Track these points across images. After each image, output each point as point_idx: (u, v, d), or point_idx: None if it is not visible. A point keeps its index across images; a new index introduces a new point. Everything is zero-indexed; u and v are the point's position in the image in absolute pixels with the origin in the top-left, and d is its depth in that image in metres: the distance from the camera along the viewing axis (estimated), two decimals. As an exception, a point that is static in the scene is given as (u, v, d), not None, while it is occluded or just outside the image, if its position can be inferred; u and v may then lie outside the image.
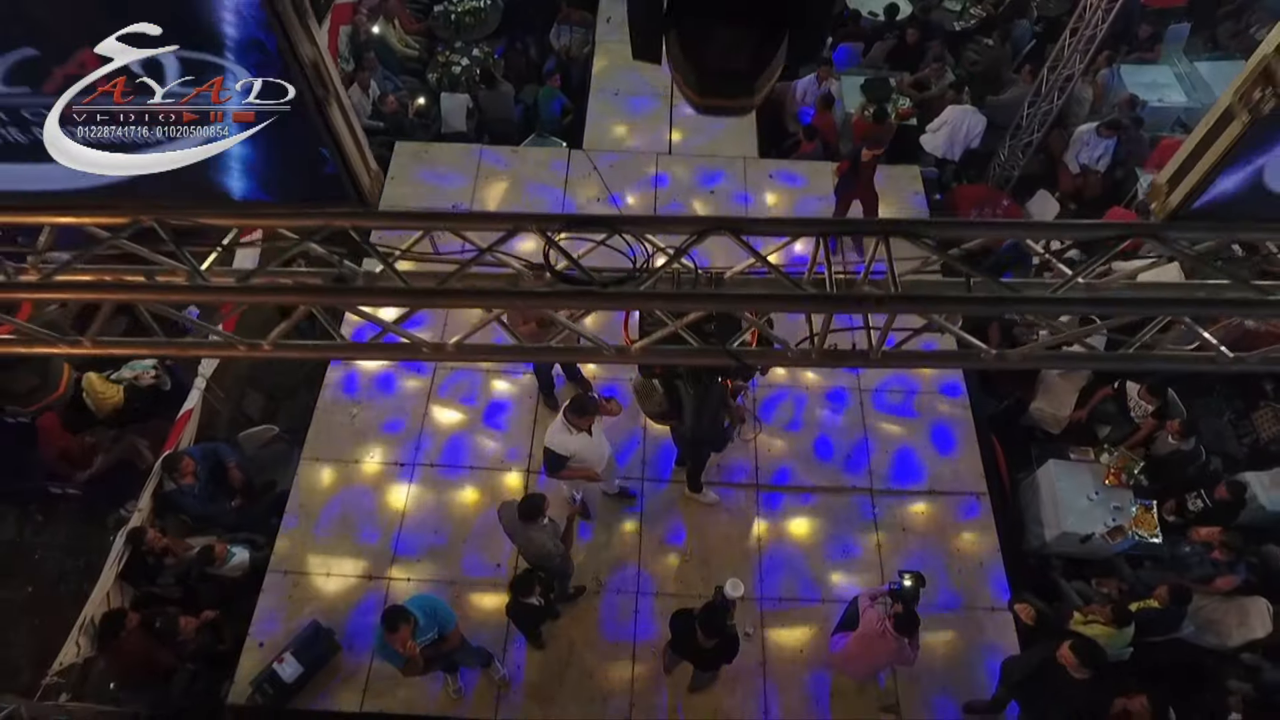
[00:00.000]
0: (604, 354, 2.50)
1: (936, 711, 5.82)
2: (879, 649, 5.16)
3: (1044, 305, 2.47)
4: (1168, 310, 2.53)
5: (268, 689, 5.71)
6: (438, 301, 2.43)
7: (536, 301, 2.31)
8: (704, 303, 2.27)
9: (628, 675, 5.91)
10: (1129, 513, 6.84)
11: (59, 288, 2.21)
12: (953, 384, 7.35)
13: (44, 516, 7.54)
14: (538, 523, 5.17)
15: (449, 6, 10.26)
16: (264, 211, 2.01)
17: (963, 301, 2.38)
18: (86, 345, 2.40)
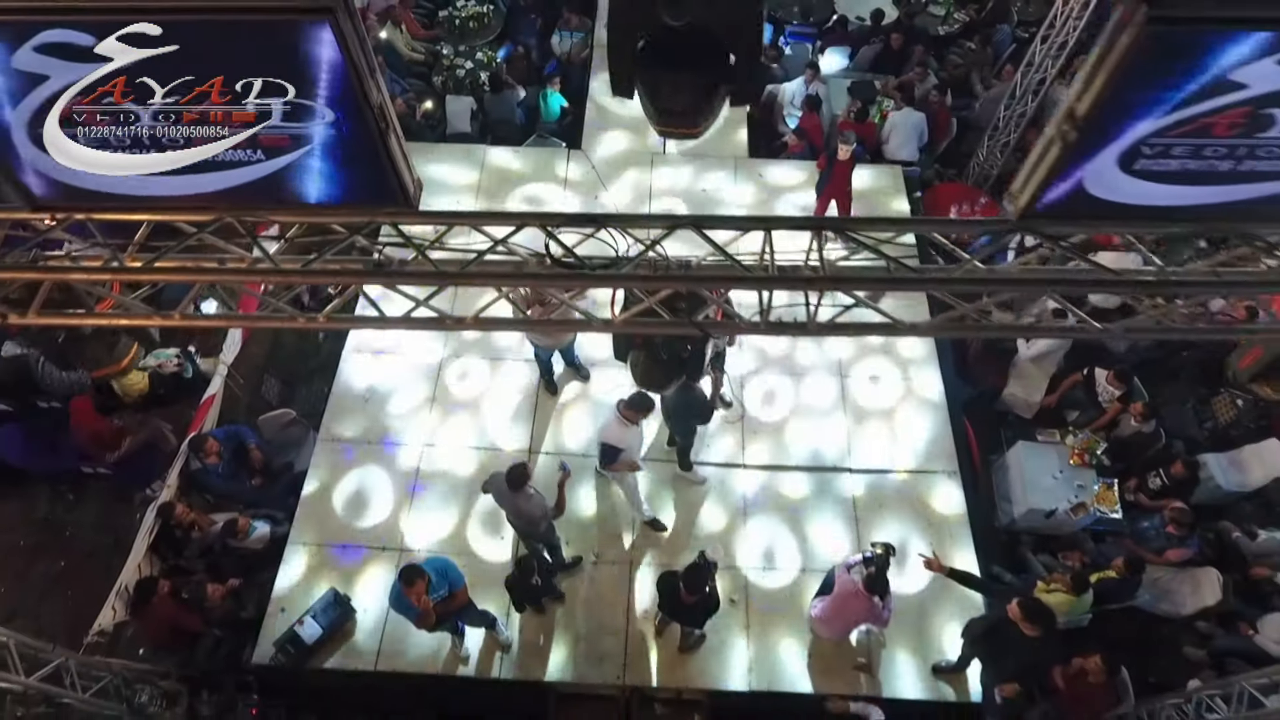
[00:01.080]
0: (593, 325, 2.98)
1: (907, 671, 6.29)
2: (853, 607, 5.63)
3: (940, 284, 2.95)
4: (1034, 288, 2.98)
5: (290, 649, 6.19)
6: (460, 281, 2.91)
7: (539, 282, 2.78)
8: (671, 282, 2.76)
9: (621, 638, 6.38)
10: (1091, 490, 7.30)
11: (160, 271, 2.68)
12: (929, 371, 7.81)
13: (75, 496, 8.01)
14: (524, 491, 5.64)
15: (453, 12, 10.72)
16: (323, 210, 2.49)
17: (879, 281, 2.87)
18: (176, 318, 2.88)
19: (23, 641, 4.94)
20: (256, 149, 2.21)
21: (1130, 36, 1.85)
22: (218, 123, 2.14)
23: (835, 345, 7.87)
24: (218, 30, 2.04)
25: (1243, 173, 2.23)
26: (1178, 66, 1.93)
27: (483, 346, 7.82)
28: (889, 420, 7.51)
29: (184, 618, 6.46)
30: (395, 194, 2.42)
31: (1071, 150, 2.18)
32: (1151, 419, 7.47)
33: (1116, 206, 2.34)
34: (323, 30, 2.00)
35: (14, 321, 2.83)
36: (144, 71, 2.13)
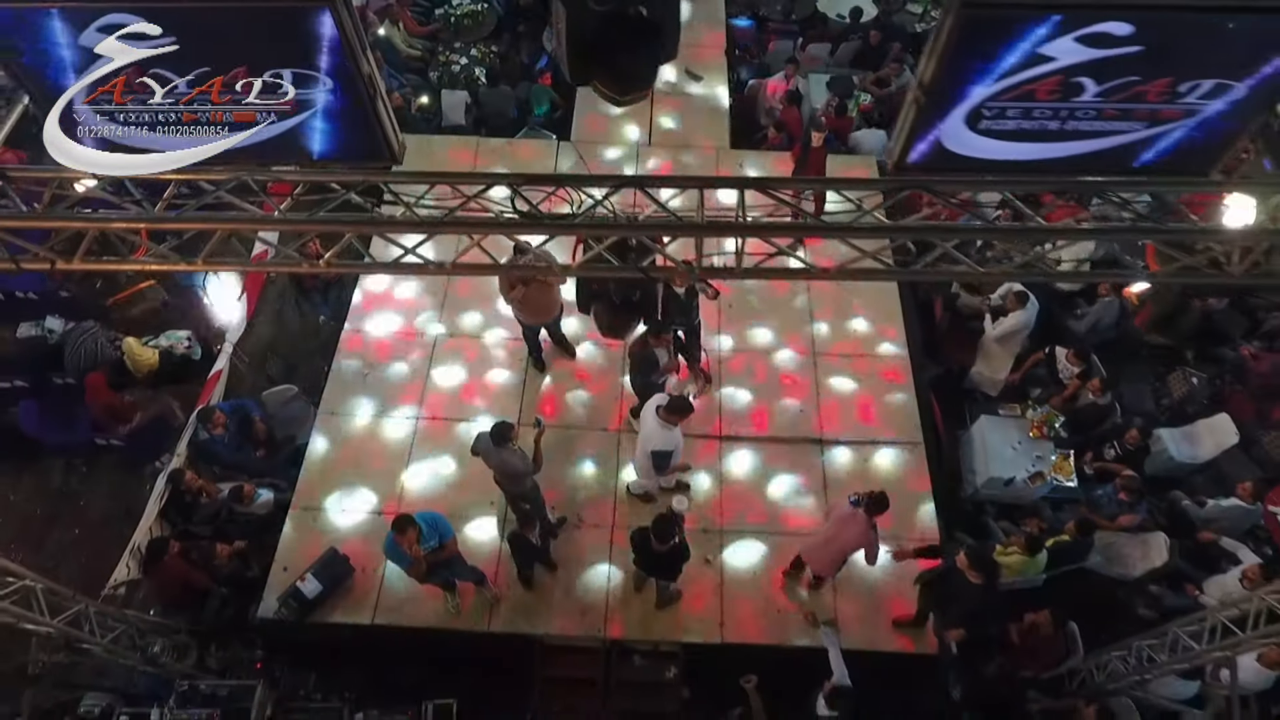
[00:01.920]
0: (553, 269, 3.41)
1: (870, 625, 6.72)
2: (849, 532, 6.01)
3: (845, 232, 3.36)
4: (927, 234, 3.39)
5: (292, 603, 6.62)
6: (441, 229, 3.31)
7: (507, 229, 3.21)
8: (614, 229, 3.18)
9: (602, 595, 6.81)
10: (1049, 461, 7.73)
11: (186, 219, 3.10)
12: (897, 350, 8.24)
13: (88, 468, 8.45)
14: (508, 446, 6.08)
15: (449, 10, 11.14)
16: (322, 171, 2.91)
17: (789, 228, 3.29)
18: (198, 263, 3.30)
19: (49, 588, 5.36)
20: (272, 112, 2.65)
21: (952, 19, 2.30)
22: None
23: (810, 325, 8.30)
24: (245, 16, 2.49)
25: (1069, 131, 2.67)
26: (995, 43, 2.37)
27: (475, 326, 8.26)
28: (858, 395, 7.94)
29: (193, 576, 6.89)
30: (383, 151, 2.87)
31: (924, 112, 2.61)
32: (1108, 393, 7.89)
33: (970, 160, 2.79)
34: (324, 15, 2.49)
35: (60, 267, 3.25)
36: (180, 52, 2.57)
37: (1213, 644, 5.58)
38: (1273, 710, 6.68)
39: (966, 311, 8.84)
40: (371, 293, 8.54)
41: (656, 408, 6.15)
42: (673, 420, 6.11)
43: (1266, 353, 8.60)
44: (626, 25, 2.38)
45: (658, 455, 6.22)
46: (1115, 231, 3.27)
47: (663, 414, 6.09)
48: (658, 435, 6.16)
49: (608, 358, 7.94)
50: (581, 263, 3.38)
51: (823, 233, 3.32)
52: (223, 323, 8.52)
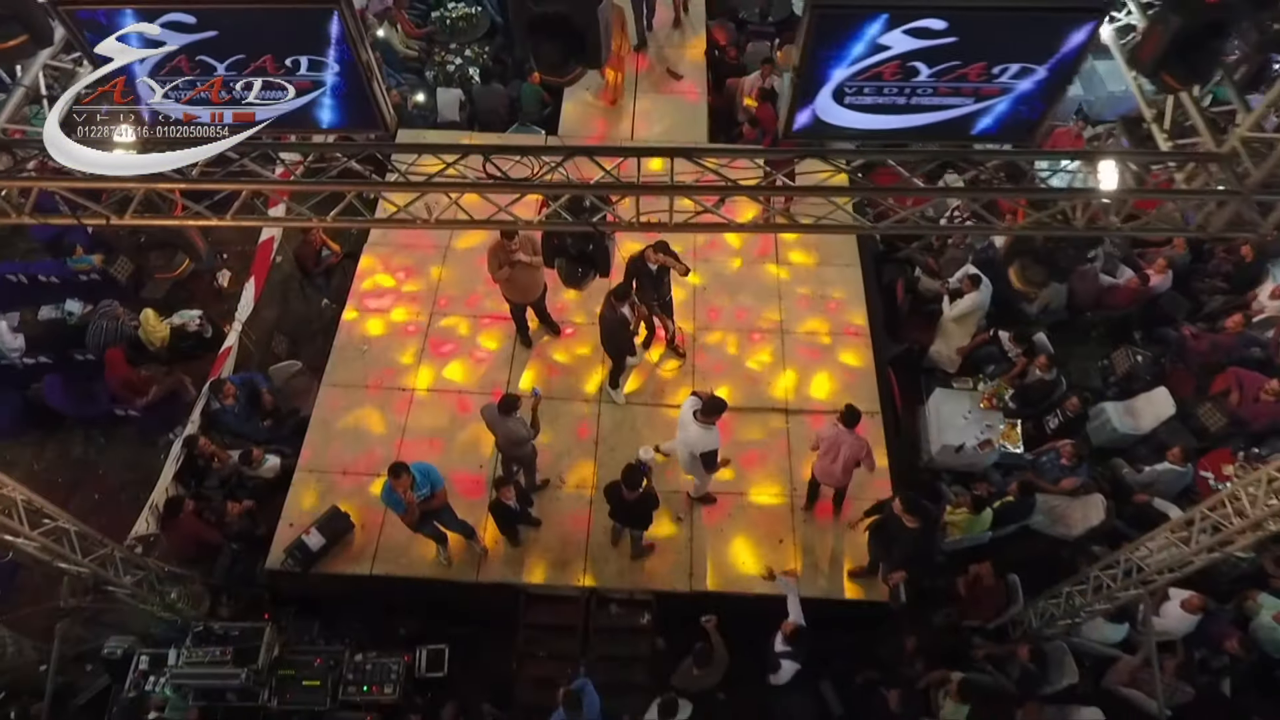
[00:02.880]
0: (519, 223, 4.04)
1: (827, 576, 7.32)
2: (841, 447, 6.73)
3: (756, 191, 3.98)
4: (822, 194, 4.01)
5: (297, 554, 7.23)
6: (427, 189, 3.94)
7: (479, 189, 3.85)
8: (566, 189, 3.81)
9: (582, 549, 7.42)
10: (998, 430, 8.35)
11: (212, 179, 3.73)
12: (860, 325, 8.85)
13: (106, 439, 9.08)
14: (514, 416, 6.70)
15: (444, 13, 11.76)
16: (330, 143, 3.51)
17: (710, 189, 3.90)
18: (227, 219, 3.90)
19: (81, 530, 5.97)
20: (291, 89, 3.28)
21: (808, 17, 2.92)
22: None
23: (779, 304, 8.92)
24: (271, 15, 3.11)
25: (914, 105, 3.29)
26: (843, 35, 3.00)
27: (466, 309, 8.88)
28: (822, 370, 8.54)
29: (206, 532, 7.51)
30: (378, 124, 3.52)
31: (799, 91, 3.24)
32: (1054, 369, 8.50)
33: (841, 129, 3.43)
34: (333, 14, 3.13)
35: (114, 222, 3.86)
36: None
37: (1129, 580, 6.19)
38: (1195, 654, 7.28)
39: (926, 294, 9.46)
40: (370, 278, 9.16)
41: (694, 411, 6.51)
42: (711, 420, 6.49)
43: (1205, 333, 9.19)
44: (551, 25, 3.03)
45: (706, 457, 6.59)
46: (980, 191, 3.88)
47: (700, 416, 6.46)
48: (701, 437, 6.51)
49: (588, 335, 8.54)
50: (543, 216, 4.01)
51: (734, 193, 3.92)
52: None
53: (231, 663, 6.62)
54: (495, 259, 7.26)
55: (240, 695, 6.78)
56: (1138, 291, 9.27)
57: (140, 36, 3.11)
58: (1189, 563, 5.65)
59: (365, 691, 6.89)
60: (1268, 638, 7.35)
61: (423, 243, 9.36)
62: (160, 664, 6.86)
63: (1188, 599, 7.15)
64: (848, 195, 4.38)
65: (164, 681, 6.77)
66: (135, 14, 3.05)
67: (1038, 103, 3.27)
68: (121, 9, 3.04)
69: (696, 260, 9.10)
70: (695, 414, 6.53)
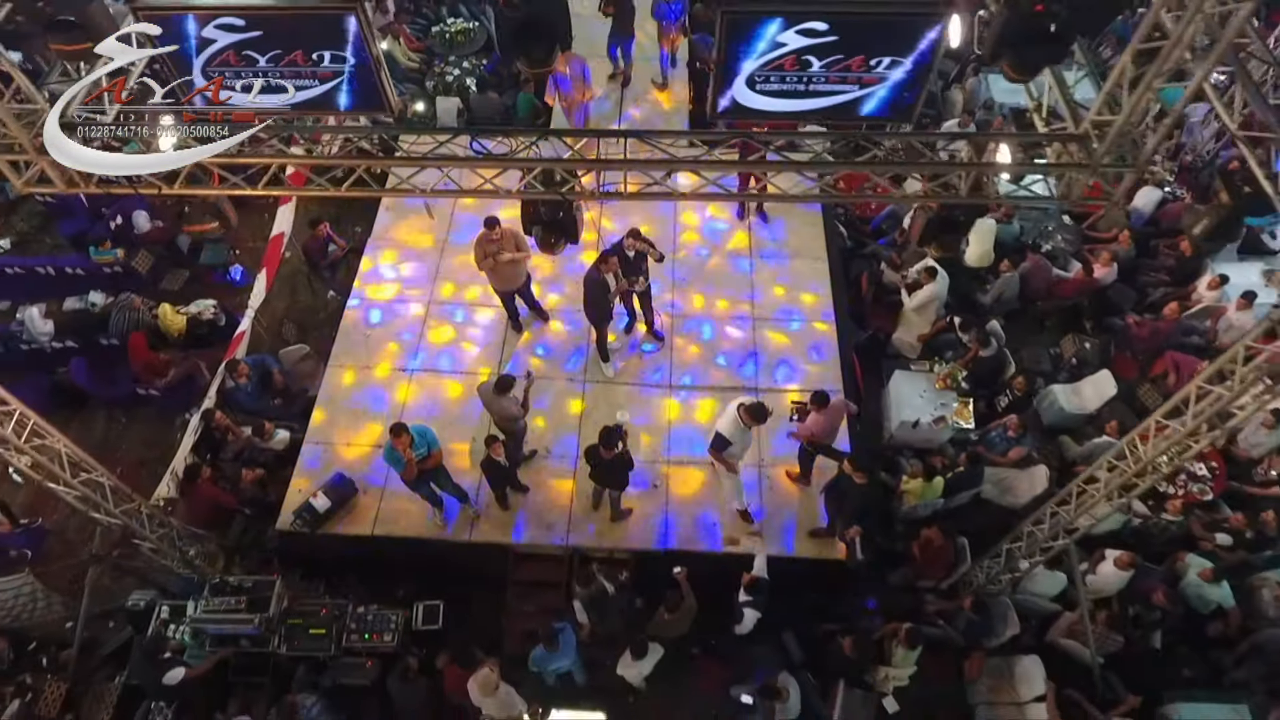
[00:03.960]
0: (500, 192, 4.76)
1: (790, 535, 7.98)
2: (822, 420, 7.47)
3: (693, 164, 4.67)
4: (742, 169, 4.72)
5: (305, 515, 7.89)
6: (423, 164, 4.67)
7: (468, 164, 4.58)
8: (536, 163, 4.53)
9: (566, 512, 8.10)
10: (951, 407, 9.06)
11: (247, 154, 4.46)
12: (827, 313, 9.56)
13: (127, 418, 9.77)
14: (508, 394, 7.40)
15: (444, 27, 12.56)
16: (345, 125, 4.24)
17: (659, 164, 4.61)
18: (259, 189, 4.63)
19: (114, 485, 6.64)
20: (317, 77, 4.02)
21: (720, 20, 3.66)
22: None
23: (751, 292, 9.64)
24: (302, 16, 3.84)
25: (813, 91, 4.01)
26: (748, 34, 3.73)
27: (461, 297, 9.60)
28: (790, 353, 9.25)
29: (221, 496, 8.18)
30: (386, 107, 4.26)
31: (719, 79, 3.97)
32: (992, 342, 9.19)
33: (757, 110, 4.15)
34: (351, 16, 3.80)
35: (165, 192, 4.58)
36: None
37: (1055, 530, 6.86)
38: (1130, 609, 7.93)
39: (890, 286, 10.18)
40: (373, 271, 9.89)
41: (739, 405, 7.13)
42: (746, 420, 7.07)
43: (1148, 321, 9.90)
44: (529, 24, 3.77)
45: (718, 436, 7.22)
46: (883, 164, 4.63)
47: (741, 411, 7.06)
48: (729, 425, 7.13)
49: (575, 322, 9.25)
50: (521, 185, 4.74)
51: (676, 166, 4.63)
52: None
53: (245, 610, 7.27)
54: (481, 250, 8.02)
55: (253, 642, 7.43)
56: (1084, 283, 10.00)
57: (198, 35, 3.84)
58: (1101, 507, 6.30)
59: (366, 639, 7.52)
60: (1195, 594, 8.01)
61: (422, 241, 10.10)
62: (180, 614, 7.51)
63: (1119, 556, 7.83)
64: (769, 169, 5.08)
65: (184, 629, 7.41)
66: (195, 18, 3.80)
67: (913, 89, 4.01)
68: (185, 14, 3.78)
69: (676, 253, 9.85)
70: (740, 408, 7.15)
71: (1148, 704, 7.49)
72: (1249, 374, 4.76)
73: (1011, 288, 10.01)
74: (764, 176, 6.37)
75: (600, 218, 9.71)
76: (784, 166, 4.78)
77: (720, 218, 10.41)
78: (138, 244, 10.32)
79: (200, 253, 10.73)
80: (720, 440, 7.30)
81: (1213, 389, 4.99)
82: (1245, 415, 4.97)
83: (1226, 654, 7.97)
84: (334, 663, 7.50)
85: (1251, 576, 8.22)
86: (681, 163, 4.52)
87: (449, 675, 7.19)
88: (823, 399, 7.46)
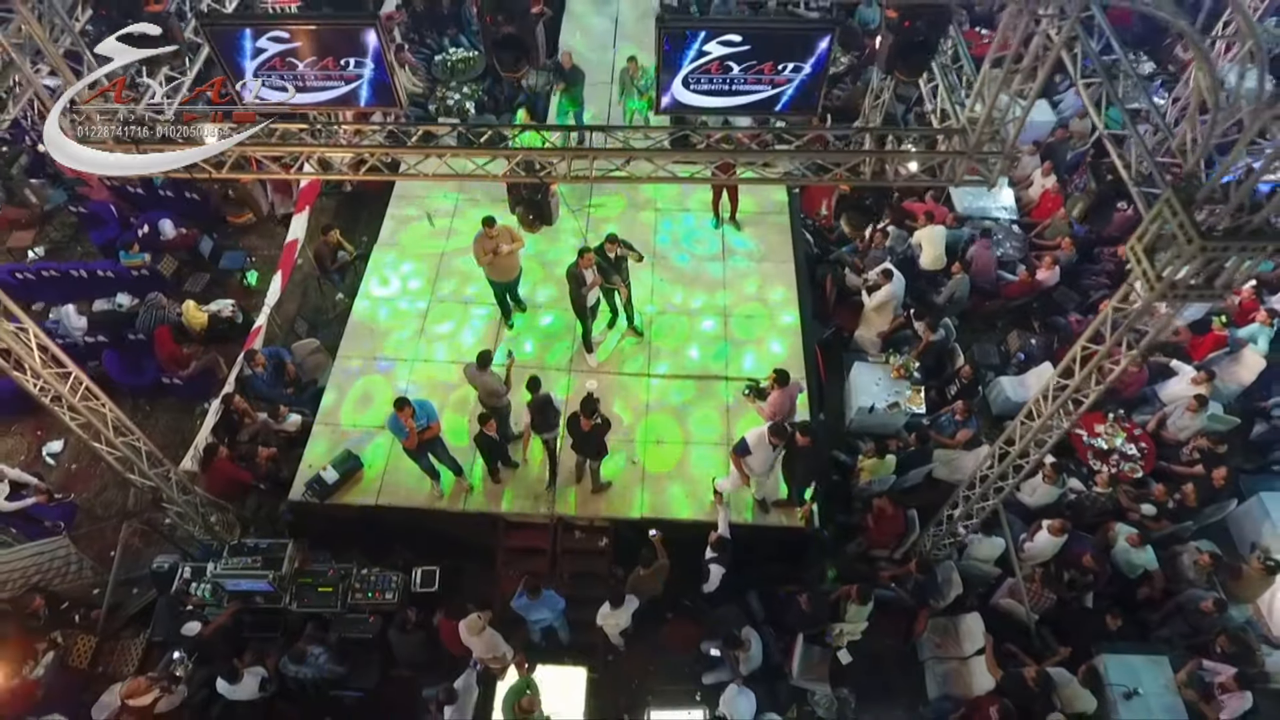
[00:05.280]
0: (489, 174, 5.69)
1: (754, 508, 8.79)
2: (779, 401, 8.28)
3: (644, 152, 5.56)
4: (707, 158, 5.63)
5: (315, 487, 8.71)
6: (429, 149, 5.61)
7: (466, 151, 5.50)
8: (515, 153, 5.45)
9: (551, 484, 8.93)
10: (905, 395, 9.92)
11: (285, 145, 5.40)
12: (791, 311, 10.46)
13: (151, 407, 10.62)
14: (488, 370, 8.27)
15: (446, 56, 13.66)
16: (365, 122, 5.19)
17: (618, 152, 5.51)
18: (293, 174, 5.54)
19: (150, 450, 7.48)
20: (343, 79, 4.97)
21: (658, 32, 4.60)
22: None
23: (723, 291, 10.56)
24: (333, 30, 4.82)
25: (737, 90, 4.94)
26: (682, 45, 4.67)
27: (458, 296, 10.51)
28: (758, 346, 10.14)
29: (238, 472, 9.01)
30: (397, 103, 5.20)
31: (660, 81, 4.92)
32: (936, 329, 10.08)
33: (694, 106, 5.09)
34: (370, 29, 4.75)
35: (213, 176, 5.48)
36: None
37: (985, 492, 7.68)
38: (1065, 574, 8.70)
39: (852, 288, 11.10)
40: (378, 273, 10.82)
41: (770, 425, 7.75)
42: (774, 441, 7.68)
43: (1089, 320, 10.77)
44: (508, 40, 4.73)
45: (742, 441, 7.84)
46: (797, 151, 5.59)
47: (769, 432, 7.68)
48: (755, 436, 7.76)
49: (562, 318, 10.15)
50: (507, 169, 5.67)
51: (635, 153, 5.55)
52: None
53: (260, 568, 8.06)
54: (480, 246, 8.95)
55: (266, 599, 8.22)
56: (1028, 284, 10.92)
57: (253, 46, 4.79)
58: (1020, 467, 7.15)
59: (369, 597, 8.32)
60: (1124, 560, 8.80)
61: (423, 247, 11.06)
62: (200, 574, 8.30)
63: (1051, 524, 8.63)
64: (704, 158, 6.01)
65: (205, 586, 8.20)
66: (252, 32, 4.75)
67: (815, 89, 4.96)
68: (244, 29, 4.73)
69: (656, 256, 10.79)
70: (770, 427, 7.78)
71: (1078, 656, 8.24)
72: (1121, 335, 5.65)
73: (963, 288, 10.92)
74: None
75: (586, 228, 10.68)
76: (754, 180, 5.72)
77: (697, 226, 11.37)
78: (163, 250, 11.27)
79: (220, 257, 11.68)
80: (742, 445, 7.97)
81: (1092, 347, 5.86)
82: (1119, 370, 5.81)
83: (1153, 614, 8.74)
84: (339, 619, 8.28)
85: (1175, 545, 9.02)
86: (638, 152, 5.45)
87: (444, 628, 7.96)
88: (785, 378, 8.31)
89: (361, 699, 8.21)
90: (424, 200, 11.51)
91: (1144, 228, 5.12)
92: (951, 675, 8.39)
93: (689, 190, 11.60)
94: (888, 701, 8.51)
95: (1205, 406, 9.50)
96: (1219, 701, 7.85)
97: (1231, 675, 7.84)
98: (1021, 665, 8.04)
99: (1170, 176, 5.02)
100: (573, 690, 8.04)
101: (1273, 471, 9.95)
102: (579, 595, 8.40)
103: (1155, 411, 9.99)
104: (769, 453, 7.95)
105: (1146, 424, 9.91)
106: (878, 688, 8.53)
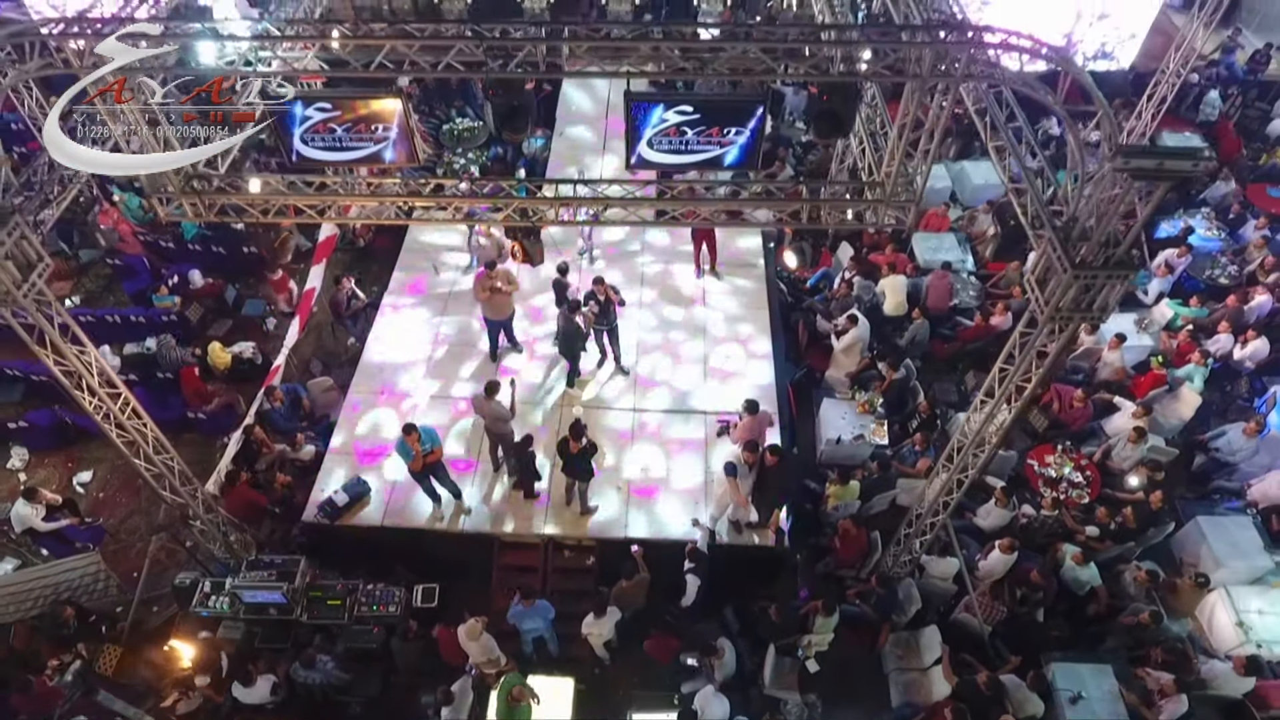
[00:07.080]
0: (490, 221, 6.71)
1: (729, 529, 9.56)
2: (753, 426, 9.17)
3: (625, 201, 6.62)
4: (678, 205, 6.65)
5: (327, 509, 9.52)
6: (443, 199, 6.67)
7: (474, 200, 6.54)
8: (521, 201, 6.47)
9: (543, 507, 9.72)
10: (869, 428, 10.79)
11: (319, 194, 6.43)
12: (766, 352, 11.42)
13: (174, 441, 11.40)
14: (494, 399, 9.18)
15: (452, 125, 14.98)
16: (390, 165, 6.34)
17: (597, 201, 6.53)
18: (326, 216, 6.50)
19: (182, 469, 8.32)
20: (372, 141, 6.02)
21: (625, 101, 5.67)
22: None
23: (704, 334, 11.54)
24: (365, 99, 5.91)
25: (690, 150, 5.97)
26: (644, 113, 5.73)
27: (461, 339, 11.50)
28: (735, 383, 11.05)
29: (257, 497, 9.82)
30: (418, 160, 6.24)
31: (629, 142, 5.98)
32: (898, 368, 11.00)
33: (657, 163, 6.14)
34: (396, 100, 5.82)
35: (262, 220, 6.49)
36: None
37: (934, 504, 8.48)
38: (1018, 590, 9.42)
39: (822, 333, 12.08)
40: (388, 319, 11.83)
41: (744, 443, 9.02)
42: (747, 459, 8.82)
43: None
44: (509, 108, 5.82)
45: (728, 464, 8.87)
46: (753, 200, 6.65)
47: (743, 450, 8.88)
48: (736, 460, 8.90)
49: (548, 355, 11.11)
50: (505, 215, 6.70)
51: (610, 203, 6.57)
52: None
53: (275, 580, 8.80)
54: (480, 285, 10.00)
55: (279, 610, 8.93)
56: (982, 329, 11.90)
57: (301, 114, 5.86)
58: (962, 482, 7.98)
59: (374, 610, 9.03)
60: (1071, 577, 9.52)
61: (429, 299, 12.11)
62: (220, 589, 9.03)
63: (1002, 543, 9.39)
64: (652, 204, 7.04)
65: (223, 599, 8.92)
66: (302, 102, 5.83)
67: (754, 147, 6.03)
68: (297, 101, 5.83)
69: (642, 306, 11.81)
70: (743, 445, 8.99)
71: (1029, 665, 8.90)
72: (1028, 354, 6.59)
73: (923, 332, 11.90)
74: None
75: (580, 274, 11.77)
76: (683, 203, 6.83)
77: (680, 275, 12.44)
78: (191, 297, 12.31)
79: (243, 305, 12.71)
80: (730, 467, 8.92)
81: (1006, 369, 6.79)
82: (1033, 385, 6.72)
83: (1100, 628, 9.42)
84: (346, 631, 8.97)
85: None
86: (613, 200, 6.49)
87: (442, 637, 8.66)
88: (754, 406, 9.21)
89: (365, 704, 8.84)
90: (433, 254, 12.62)
91: (1034, 262, 6.08)
92: (913, 684, 9.02)
93: (677, 242, 12.75)
94: (854, 708, 9.12)
95: (1144, 438, 10.36)
96: (1158, 706, 8.49)
97: (1170, 680, 8.50)
98: (975, 673, 8.70)
99: (1057, 221, 6.03)
100: (560, 700, 8.68)
101: (1211, 499, 10.74)
102: (567, 610, 9.10)
103: (1101, 444, 10.84)
104: (745, 470, 8.77)
105: (1093, 455, 10.74)
106: (844, 696, 9.15)
